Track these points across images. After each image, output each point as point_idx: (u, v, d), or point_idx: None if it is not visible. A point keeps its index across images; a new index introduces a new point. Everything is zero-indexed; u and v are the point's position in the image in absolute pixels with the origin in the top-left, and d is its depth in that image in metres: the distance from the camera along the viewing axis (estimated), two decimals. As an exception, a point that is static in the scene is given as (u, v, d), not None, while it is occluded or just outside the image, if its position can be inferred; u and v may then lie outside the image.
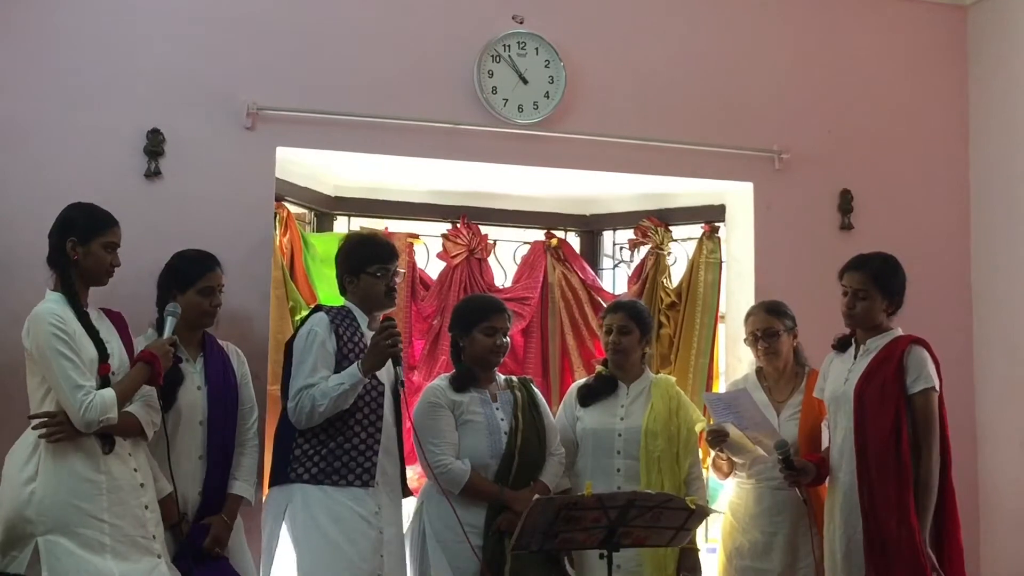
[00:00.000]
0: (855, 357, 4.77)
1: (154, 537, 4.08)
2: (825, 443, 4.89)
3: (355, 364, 4.47)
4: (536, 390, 5.13)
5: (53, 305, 4.08)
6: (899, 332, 4.74)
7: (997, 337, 6.03)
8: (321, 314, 4.64)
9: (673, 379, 5.33)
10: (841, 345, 4.88)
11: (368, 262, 4.70)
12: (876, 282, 4.71)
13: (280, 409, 4.69)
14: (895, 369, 4.60)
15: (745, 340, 5.25)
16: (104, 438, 4.03)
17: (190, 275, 4.55)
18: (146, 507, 4.09)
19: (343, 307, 4.74)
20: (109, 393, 3.99)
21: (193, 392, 4.52)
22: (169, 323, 4.29)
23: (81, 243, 4.15)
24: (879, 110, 6.18)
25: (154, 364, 4.14)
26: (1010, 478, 5.86)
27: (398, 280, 4.81)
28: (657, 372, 5.78)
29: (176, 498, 4.32)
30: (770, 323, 5.13)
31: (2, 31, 4.99)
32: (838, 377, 4.79)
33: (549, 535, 4.14)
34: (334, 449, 4.51)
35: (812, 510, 4.86)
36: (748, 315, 5.24)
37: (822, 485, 4.89)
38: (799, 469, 4.76)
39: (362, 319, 4.68)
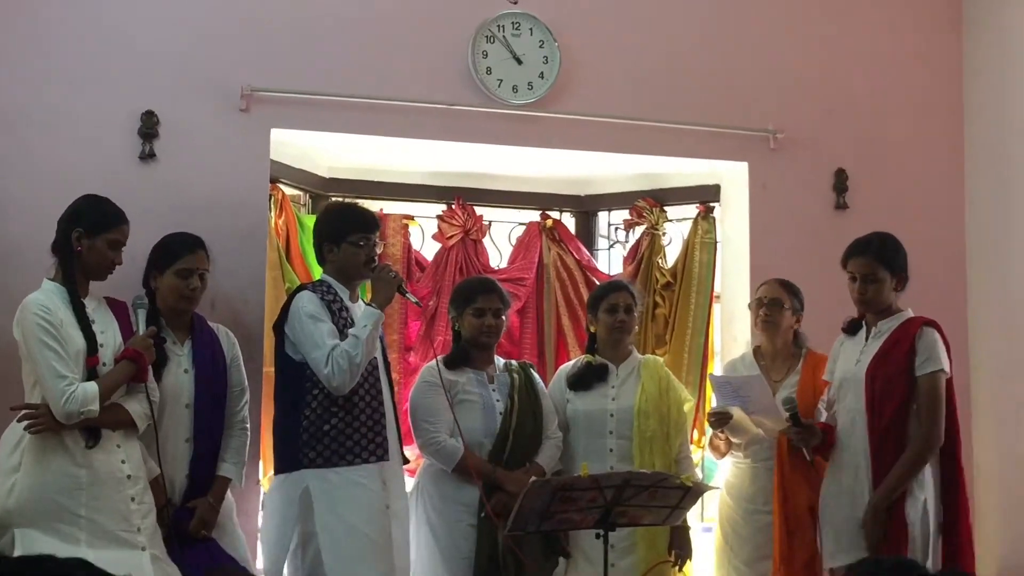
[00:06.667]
0: (866, 339, 4.76)
1: (139, 530, 4.07)
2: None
3: (367, 307, 4.51)
4: (535, 374, 5.16)
5: (41, 295, 4.08)
6: (910, 314, 4.73)
7: (992, 315, 6.03)
8: (307, 292, 4.60)
9: (661, 359, 5.37)
10: (851, 328, 4.86)
11: (350, 231, 4.66)
12: (883, 263, 4.70)
13: (275, 394, 4.71)
14: (907, 351, 4.60)
15: (749, 305, 5.28)
16: (89, 431, 4.03)
17: (169, 256, 4.52)
18: (132, 499, 4.08)
19: (321, 281, 4.71)
20: (92, 386, 3.99)
21: (179, 375, 4.49)
22: (140, 316, 4.29)
23: (86, 236, 4.15)
24: (873, 89, 6.17)
25: (139, 362, 4.15)
26: (1002, 459, 5.86)
27: (379, 251, 4.80)
28: (653, 352, 5.81)
29: (163, 481, 4.32)
30: (778, 294, 5.17)
31: (-5, 14, 4.98)
32: (849, 359, 4.78)
33: (545, 516, 4.15)
34: (344, 429, 4.48)
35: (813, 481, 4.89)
36: (761, 284, 5.29)
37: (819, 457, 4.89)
38: (806, 427, 4.76)
39: (342, 291, 4.65)
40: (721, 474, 5.35)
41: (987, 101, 6.16)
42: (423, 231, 6.09)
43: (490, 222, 6.19)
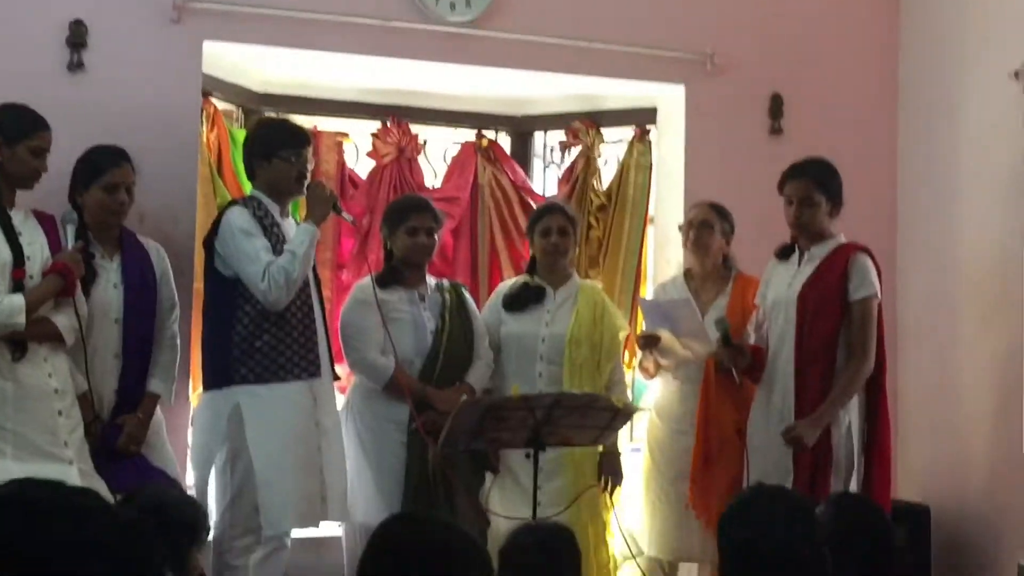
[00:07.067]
0: (799, 264, 4.80)
1: (66, 444, 4.03)
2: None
3: (303, 223, 4.51)
4: (467, 294, 5.16)
5: None
6: (842, 239, 4.78)
7: (920, 243, 6.10)
8: (238, 207, 4.57)
9: (600, 285, 5.39)
10: (783, 253, 4.90)
11: (281, 146, 4.62)
12: (819, 187, 4.74)
13: (204, 311, 4.69)
14: (839, 276, 4.65)
15: (679, 227, 5.29)
16: (15, 344, 3.97)
17: (95, 170, 4.44)
18: (60, 413, 4.05)
19: (252, 197, 4.68)
20: (18, 298, 3.93)
21: (108, 290, 4.45)
22: (69, 231, 4.21)
23: (6, 145, 4.06)
24: (811, 14, 6.15)
25: (67, 276, 4.08)
26: (926, 385, 5.96)
27: (311, 168, 4.77)
28: (586, 274, 5.82)
29: (91, 397, 4.29)
30: (708, 217, 5.18)
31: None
32: (781, 283, 4.82)
33: (476, 435, 4.19)
34: (276, 345, 4.47)
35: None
36: (692, 206, 5.30)
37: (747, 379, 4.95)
38: (737, 347, 4.81)
39: (273, 207, 4.62)
40: (651, 395, 5.40)
41: (922, 30, 6.18)
42: (357, 148, 6.04)
43: (425, 141, 6.14)
